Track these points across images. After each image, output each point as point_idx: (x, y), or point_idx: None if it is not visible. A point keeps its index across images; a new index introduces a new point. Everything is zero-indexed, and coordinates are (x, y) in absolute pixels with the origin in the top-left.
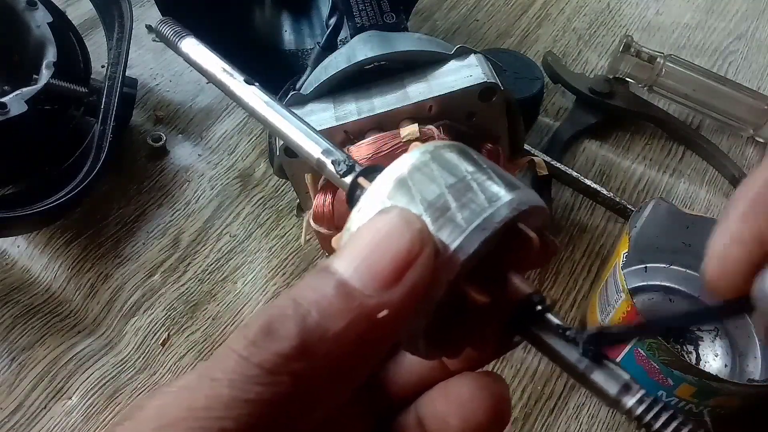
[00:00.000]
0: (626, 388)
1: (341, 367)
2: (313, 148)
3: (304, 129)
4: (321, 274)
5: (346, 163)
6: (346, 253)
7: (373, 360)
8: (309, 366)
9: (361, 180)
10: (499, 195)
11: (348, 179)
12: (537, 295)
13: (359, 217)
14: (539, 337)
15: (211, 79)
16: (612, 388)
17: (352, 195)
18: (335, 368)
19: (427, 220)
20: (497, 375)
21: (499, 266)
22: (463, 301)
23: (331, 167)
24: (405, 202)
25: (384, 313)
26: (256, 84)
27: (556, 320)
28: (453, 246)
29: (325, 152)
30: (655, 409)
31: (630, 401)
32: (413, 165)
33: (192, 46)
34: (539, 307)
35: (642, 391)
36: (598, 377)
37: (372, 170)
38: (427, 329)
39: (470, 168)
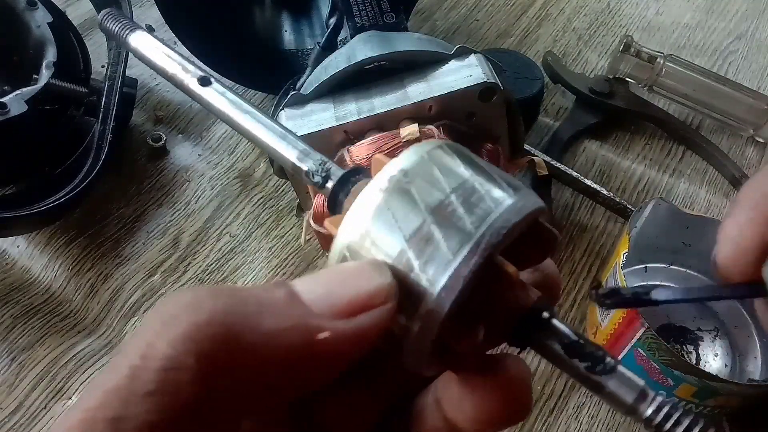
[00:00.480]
0: (643, 396)
1: (265, 371)
2: (288, 151)
3: (276, 131)
4: (276, 283)
5: (324, 167)
6: (309, 277)
7: (298, 380)
8: (230, 356)
9: (354, 189)
10: (503, 198)
11: (328, 185)
12: (542, 301)
13: (351, 225)
14: (548, 347)
15: (166, 77)
16: (628, 397)
17: (333, 203)
18: (258, 369)
19: (413, 251)
20: (519, 359)
21: (500, 270)
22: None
23: (308, 168)
24: (402, 209)
25: (325, 334)
26: (214, 81)
27: (564, 328)
28: (460, 255)
29: (301, 156)
30: (675, 416)
31: (648, 410)
32: (408, 168)
33: (142, 40)
34: (546, 314)
35: (659, 399)
36: (612, 385)
37: (353, 174)
38: (430, 353)
39: (469, 170)
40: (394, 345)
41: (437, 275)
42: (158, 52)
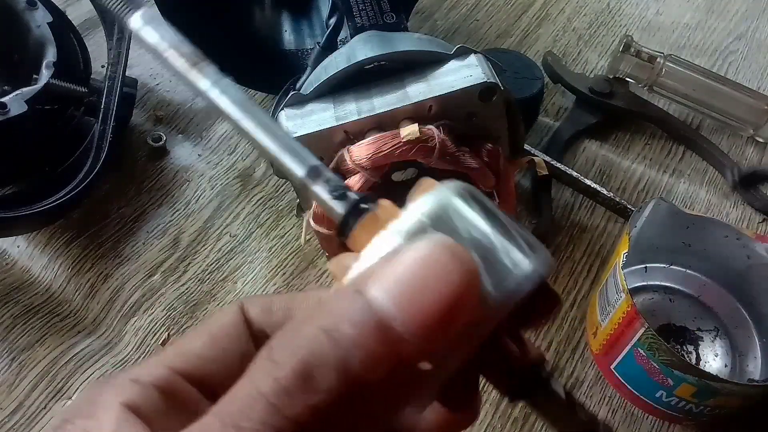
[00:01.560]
0: (315, 172)
1: (375, 419)
2: (296, 165)
3: (285, 140)
4: (355, 299)
5: (337, 188)
6: (384, 279)
7: (399, 412)
8: (344, 420)
9: (380, 207)
10: (521, 261)
11: (341, 205)
12: (541, 359)
13: (380, 248)
14: (543, 405)
15: (167, 67)
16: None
17: (346, 225)
18: (370, 420)
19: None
20: (480, 401)
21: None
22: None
23: (320, 188)
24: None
25: (427, 366)
26: (227, 78)
27: (559, 390)
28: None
29: (312, 172)
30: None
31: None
32: (428, 215)
33: (143, 22)
34: (544, 374)
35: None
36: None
37: (365, 201)
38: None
39: (489, 225)
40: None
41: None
42: (162, 37)
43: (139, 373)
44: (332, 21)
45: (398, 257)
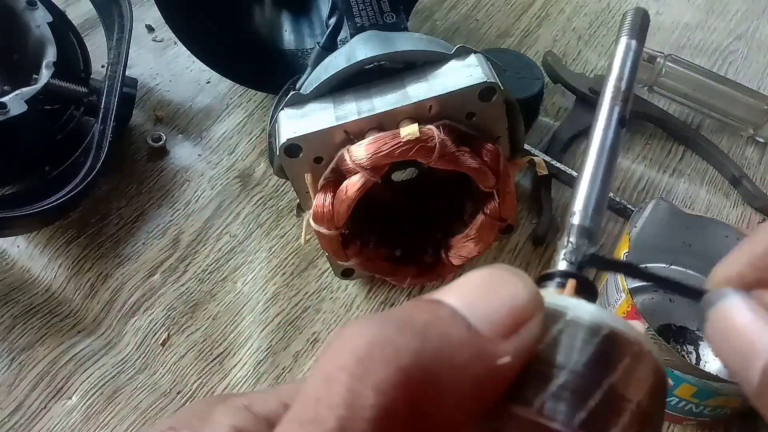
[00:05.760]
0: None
1: (458, 407)
2: (582, 214)
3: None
4: (430, 302)
5: (578, 259)
6: (456, 290)
7: (477, 408)
8: (433, 399)
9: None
10: None
11: (562, 264)
12: None
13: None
14: None
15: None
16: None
17: (545, 279)
18: (453, 407)
19: None
20: None
21: None
22: None
23: (564, 245)
24: None
25: (506, 359)
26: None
27: None
28: None
29: (580, 231)
30: None
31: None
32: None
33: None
34: None
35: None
36: None
37: (576, 278)
38: None
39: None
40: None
41: None
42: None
43: (254, 401)
44: (332, 21)
45: (466, 276)
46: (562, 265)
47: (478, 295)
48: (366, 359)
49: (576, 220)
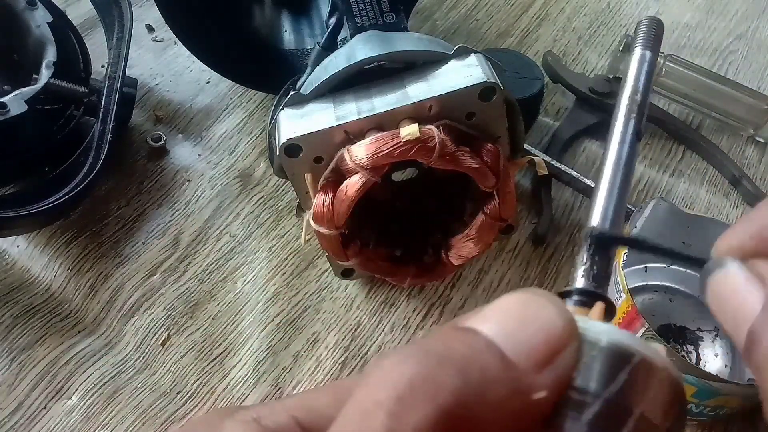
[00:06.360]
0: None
1: None
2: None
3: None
4: (465, 332)
5: (598, 276)
6: (491, 317)
7: None
8: None
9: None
10: None
11: (581, 281)
12: None
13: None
14: None
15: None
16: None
17: (565, 296)
18: None
19: None
20: None
21: None
22: None
23: (583, 258)
24: None
25: (542, 394)
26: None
27: None
28: None
29: (598, 239)
30: None
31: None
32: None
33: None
34: None
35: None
36: None
37: (596, 296)
38: None
39: None
40: None
41: None
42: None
43: (263, 414)
44: (332, 21)
45: (500, 301)
46: (580, 282)
47: (513, 323)
48: (406, 398)
49: (593, 234)
